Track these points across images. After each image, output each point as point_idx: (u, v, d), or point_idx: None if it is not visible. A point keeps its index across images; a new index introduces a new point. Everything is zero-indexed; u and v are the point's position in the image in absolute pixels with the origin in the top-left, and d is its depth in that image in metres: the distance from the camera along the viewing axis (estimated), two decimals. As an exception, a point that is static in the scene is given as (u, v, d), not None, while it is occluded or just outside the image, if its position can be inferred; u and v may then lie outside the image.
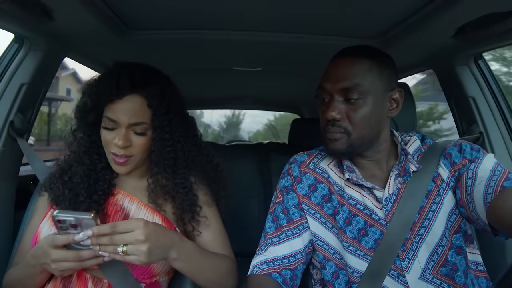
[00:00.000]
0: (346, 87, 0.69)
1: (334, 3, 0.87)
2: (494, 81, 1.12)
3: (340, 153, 0.73)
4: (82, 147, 0.78)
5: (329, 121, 0.71)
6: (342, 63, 0.72)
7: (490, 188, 0.63)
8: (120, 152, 0.74)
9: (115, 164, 0.75)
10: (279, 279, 0.72)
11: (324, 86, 0.72)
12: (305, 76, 1.72)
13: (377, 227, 0.71)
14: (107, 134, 0.74)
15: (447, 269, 0.67)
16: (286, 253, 0.74)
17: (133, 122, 0.73)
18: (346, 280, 0.72)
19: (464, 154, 0.72)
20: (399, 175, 0.73)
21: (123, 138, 0.72)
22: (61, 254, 0.62)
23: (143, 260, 0.61)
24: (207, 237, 0.80)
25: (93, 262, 0.64)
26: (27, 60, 0.97)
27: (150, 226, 0.62)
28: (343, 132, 0.70)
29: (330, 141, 0.72)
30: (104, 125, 0.74)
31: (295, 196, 0.78)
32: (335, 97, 0.70)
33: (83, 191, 0.75)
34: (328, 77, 0.72)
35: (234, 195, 0.90)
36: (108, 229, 0.60)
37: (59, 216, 0.59)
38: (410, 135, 0.80)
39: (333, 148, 0.72)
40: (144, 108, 0.74)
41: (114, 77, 0.73)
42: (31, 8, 0.78)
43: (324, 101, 0.73)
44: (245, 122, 22.77)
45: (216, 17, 0.98)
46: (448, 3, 0.78)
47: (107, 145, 0.75)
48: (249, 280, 0.74)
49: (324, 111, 0.72)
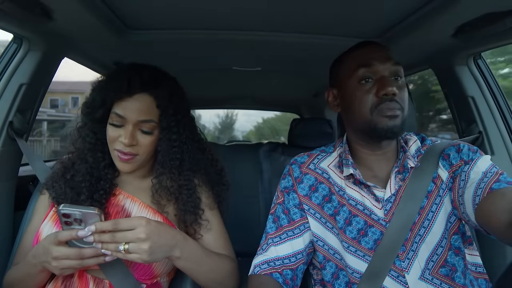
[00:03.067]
0: (396, 62, 0.72)
1: (334, 3, 0.87)
2: (493, 80, 1.13)
3: (397, 131, 0.71)
4: (87, 144, 0.78)
5: (385, 97, 0.69)
6: (379, 46, 0.75)
7: (479, 190, 0.63)
8: (125, 150, 0.74)
9: (119, 161, 0.75)
10: (280, 279, 0.72)
11: (372, 64, 0.71)
12: (305, 76, 1.72)
13: (376, 227, 0.71)
14: (113, 131, 0.75)
15: (446, 270, 0.67)
16: (287, 253, 0.74)
17: (142, 119, 0.74)
18: (346, 280, 0.72)
19: (461, 154, 0.73)
20: (398, 172, 0.74)
21: (130, 136, 0.73)
22: (63, 251, 0.62)
23: (145, 258, 0.61)
24: (209, 239, 0.80)
25: (95, 261, 0.64)
26: (26, 60, 0.97)
27: (152, 225, 0.62)
28: (399, 108, 0.70)
29: (390, 118, 0.69)
30: (111, 121, 0.75)
31: (296, 197, 0.78)
32: (388, 74, 0.71)
33: (85, 189, 0.74)
34: (373, 56, 0.72)
35: (234, 195, 0.90)
36: (110, 225, 0.60)
37: (64, 209, 0.59)
38: (410, 135, 0.81)
39: (393, 124, 0.69)
40: (153, 107, 0.75)
41: (125, 75, 0.74)
42: (30, 8, 0.78)
43: (368, 81, 0.71)
44: (239, 121, 23.44)
45: (216, 17, 0.97)
46: (447, 3, 0.78)
47: (112, 141, 0.75)
48: (250, 280, 0.74)
49: (380, 88, 0.69)
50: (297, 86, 2.04)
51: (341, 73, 0.77)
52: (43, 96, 1.07)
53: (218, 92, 2.31)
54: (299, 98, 2.51)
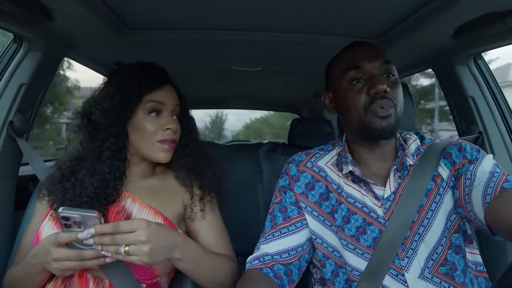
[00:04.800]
0: (387, 61, 0.72)
1: (334, 3, 0.87)
2: (493, 81, 1.13)
3: (391, 130, 0.70)
4: (106, 152, 0.74)
5: (376, 96, 0.69)
6: (367, 45, 0.75)
7: (489, 189, 0.63)
8: (173, 136, 0.77)
9: (165, 150, 0.78)
10: (271, 274, 0.71)
11: (361, 65, 0.71)
12: (305, 76, 1.72)
13: (375, 225, 0.72)
14: (153, 122, 0.76)
15: (446, 269, 0.68)
16: (277, 250, 0.74)
17: (176, 103, 0.81)
18: (345, 278, 0.72)
19: (464, 153, 0.72)
20: (397, 170, 0.74)
21: (174, 121, 0.79)
22: (63, 253, 0.62)
23: (146, 260, 0.61)
24: (209, 239, 0.80)
25: (95, 262, 0.64)
26: (26, 60, 0.97)
27: (153, 227, 0.62)
28: (392, 105, 0.70)
29: (383, 119, 0.69)
30: (149, 111, 0.76)
31: (292, 195, 0.79)
32: (376, 73, 0.71)
33: (85, 205, 0.72)
34: (361, 57, 0.72)
35: (234, 194, 0.90)
36: (110, 228, 0.60)
37: (64, 212, 0.59)
38: (410, 134, 0.81)
39: (387, 124, 0.69)
40: (176, 95, 0.83)
41: (152, 69, 0.81)
42: (30, 8, 0.78)
43: (359, 82, 0.71)
44: (229, 121, 24.20)
45: (215, 17, 0.98)
46: (447, 3, 0.78)
47: (154, 133, 0.76)
48: (242, 276, 0.74)
49: (370, 87, 0.69)
50: (297, 86, 2.04)
51: (333, 76, 0.77)
52: (43, 96, 1.07)
53: (217, 92, 2.31)
54: (299, 98, 2.51)
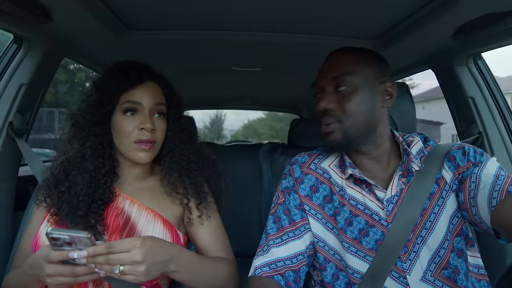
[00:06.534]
0: (335, 76, 0.72)
1: (334, 4, 0.87)
2: (493, 81, 1.13)
3: (337, 145, 0.73)
4: (88, 150, 0.75)
5: (322, 113, 0.72)
6: (332, 57, 0.76)
7: (495, 192, 0.63)
8: (147, 136, 0.75)
9: (141, 151, 0.75)
10: (282, 281, 0.71)
11: (316, 82, 0.76)
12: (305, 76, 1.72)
13: (378, 228, 0.71)
14: (128, 122, 0.75)
15: (449, 272, 0.67)
16: (288, 254, 0.74)
17: (156, 102, 0.77)
18: (346, 281, 0.72)
19: (468, 157, 0.72)
20: (402, 176, 0.73)
21: (150, 120, 0.75)
22: (56, 269, 0.61)
23: (142, 279, 0.60)
24: (207, 240, 0.80)
25: (89, 278, 0.63)
26: (26, 61, 0.97)
27: (147, 244, 0.60)
28: (335, 121, 0.71)
29: (327, 135, 0.73)
30: (124, 111, 0.75)
31: (297, 197, 0.78)
32: (326, 89, 0.73)
33: (82, 204, 0.72)
34: (319, 73, 0.76)
35: (234, 195, 0.90)
36: (103, 249, 0.58)
37: (53, 233, 0.57)
38: (413, 136, 0.80)
39: (331, 140, 0.72)
40: (161, 94, 0.80)
41: (131, 67, 0.77)
42: (30, 9, 0.78)
43: (318, 98, 0.75)
44: (228, 120, 24.59)
45: (215, 17, 0.98)
46: (446, 3, 0.78)
47: (129, 134, 0.75)
48: (250, 281, 0.74)
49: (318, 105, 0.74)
50: (297, 86, 2.04)
51: None
52: (43, 97, 1.07)
53: (217, 92, 2.31)
54: (299, 98, 2.51)
